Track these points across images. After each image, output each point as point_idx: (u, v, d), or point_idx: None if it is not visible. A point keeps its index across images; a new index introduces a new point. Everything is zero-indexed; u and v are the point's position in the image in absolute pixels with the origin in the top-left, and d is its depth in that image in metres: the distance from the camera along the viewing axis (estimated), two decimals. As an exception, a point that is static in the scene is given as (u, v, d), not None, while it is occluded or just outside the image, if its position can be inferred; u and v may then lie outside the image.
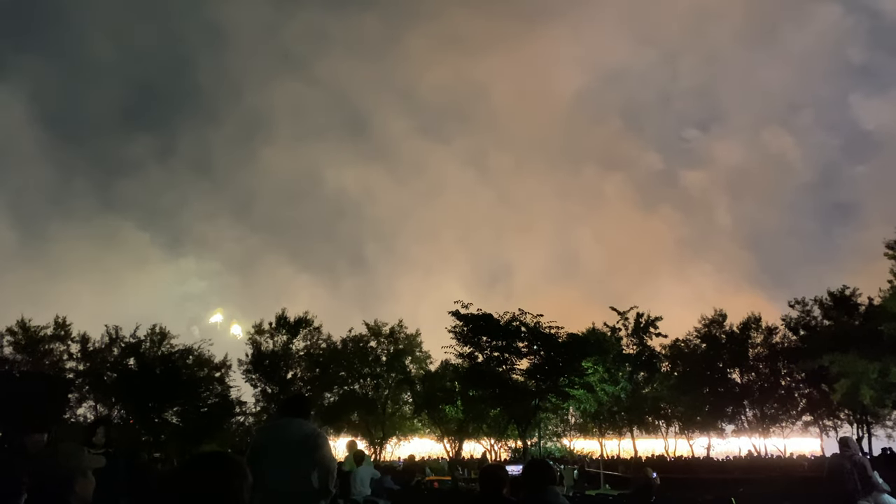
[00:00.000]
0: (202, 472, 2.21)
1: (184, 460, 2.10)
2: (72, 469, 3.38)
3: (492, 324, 28.27)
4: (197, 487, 2.16)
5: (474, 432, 38.00)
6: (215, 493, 2.15)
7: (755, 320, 40.62)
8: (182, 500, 2.14)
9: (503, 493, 5.11)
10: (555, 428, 42.15)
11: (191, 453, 27.09)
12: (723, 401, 39.95)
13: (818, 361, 30.08)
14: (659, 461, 37.42)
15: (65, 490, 3.30)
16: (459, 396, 34.25)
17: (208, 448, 30.35)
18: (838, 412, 37.28)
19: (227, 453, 2.30)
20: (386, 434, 40.11)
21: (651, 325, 40.10)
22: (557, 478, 5.34)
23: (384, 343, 41.35)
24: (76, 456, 3.47)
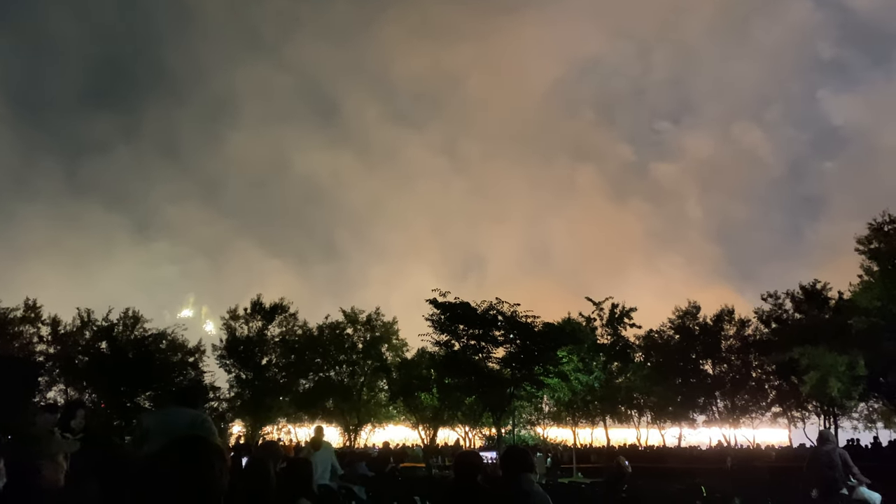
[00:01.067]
0: (182, 457, 2.18)
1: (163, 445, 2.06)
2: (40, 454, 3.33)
3: (469, 312, 28.34)
4: (178, 472, 2.13)
5: (449, 420, 38.14)
6: (196, 477, 2.12)
7: (728, 313, 41.12)
8: (162, 484, 2.11)
9: (478, 480, 5.13)
10: (529, 416, 42.44)
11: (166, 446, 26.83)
12: (695, 391, 40.42)
13: (788, 354, 30.51)
14: (631, 450, 37.93)
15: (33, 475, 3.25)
16: (435, 384, 34.33)
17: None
18: (807, 404, 37.90)
19: (207, 438, 2.26)
20: (361, 421, 40.08)
21: (626, 316, 40.33)
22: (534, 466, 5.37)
23: (361, 330, 41.23)
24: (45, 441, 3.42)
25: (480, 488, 5.12)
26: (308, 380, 40.69)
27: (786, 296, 38.60)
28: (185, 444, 2.23)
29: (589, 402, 38.92)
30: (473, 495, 5.05)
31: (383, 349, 41.09)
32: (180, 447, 2.22)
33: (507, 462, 5.36)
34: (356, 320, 41.20)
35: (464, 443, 38.16)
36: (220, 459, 2.20)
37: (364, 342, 40.90)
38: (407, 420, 41.70)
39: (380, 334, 40.94)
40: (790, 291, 38.49)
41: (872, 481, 11.24)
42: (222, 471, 2.18)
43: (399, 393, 36.37)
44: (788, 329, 35.83)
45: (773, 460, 31.46)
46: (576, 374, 31.35)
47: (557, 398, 34.86)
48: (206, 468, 2.15)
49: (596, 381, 35.40)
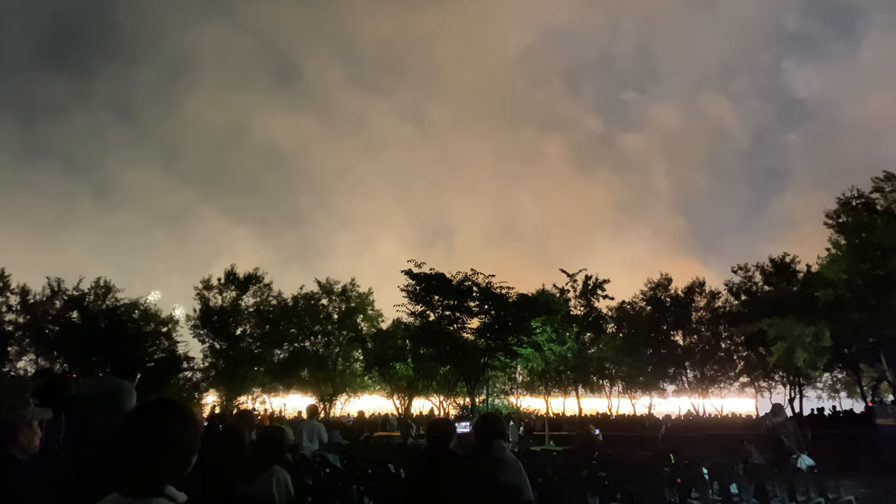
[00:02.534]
0: (152, 419, 2.21)
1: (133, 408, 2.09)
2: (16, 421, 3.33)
3: (444, 283, 28.42)
4: (148, 434, 2.16)
5: (424, 389, 38.47)
6: (166, 438, 2.16)
7: (699, 285, 41.79)
8: (131, 446, 2.14)
9: (450, 446, 5.22)
10: (502, 386, 42.97)
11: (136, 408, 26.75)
12: (665, 362, 41.12)
13: (757, 325, 31.05)
14: (602, 419, 38.63)
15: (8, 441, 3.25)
16: (410, 354, 34.53)
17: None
18: (773, 374, 38.78)
19: (176, 401, 2.29)
20: (336, 391, 40.30)
21: (599, 288, 40.90)
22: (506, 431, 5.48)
23: (336, 301, 41.28)
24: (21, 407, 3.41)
25: (453, 454, 5.21)
26: (283, 350, 40.72)
27: (756, 268, 39.27)
28: (155, 406, 2.26)
29: (562, 372, 39.51)
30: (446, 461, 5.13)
31: (358, 320, 41.20)
32: (151, 409, 2.25)
33: (481, 428, 5.46)
34: (331, 291, 41.20)
35: (438, 412, 38.58)
36: (191, 423, 2.24)
37: (339, 313, 40.96)
38: (382, 390, 41.99)
39: (355, 305, 41.02)
40: (760, 264, 39.16)
41: (831, 447, 11.92)
42: (193, 434, 2.21)
43: (374, 363, 36.55)
44: (757, 301, 36.47)
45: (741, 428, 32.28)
46: (549, 345, 31.66)
47: (531, 368, 35.29)
48: (170, 426, 2.19)
49: (569, 352, 35.88)
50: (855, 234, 28.73)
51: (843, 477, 10.35)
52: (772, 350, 30.47)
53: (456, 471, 5.01)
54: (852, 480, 10.88)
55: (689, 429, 31.91)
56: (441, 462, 5.12)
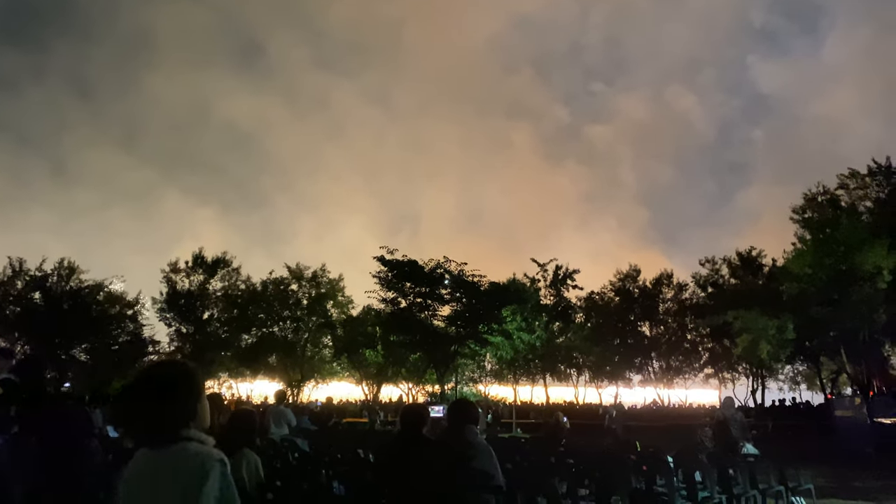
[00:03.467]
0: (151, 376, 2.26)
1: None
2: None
3: (416, 270, 28.46)
4: (150, 388, 2.25)
5: (393, 376, 38.52)
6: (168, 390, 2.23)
7: (667, 277, 42.30)
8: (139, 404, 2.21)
9: (423, 431, 5.24)
10: (471, 374, 43.19)
11: (99, 391, 26.37)
12: (632, 352, 41.57)
13: (723, 317, 31.54)
14: (569, 407, 39.07)
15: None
16: (380, 341, 34.54)
17: (118, 385, 29.65)
18: (737, 366, 39.48)
19: (174, 361, 2.37)
20: (304, 376, 40.15)
21: (569, 278, 41.27)
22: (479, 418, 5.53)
23: (306, 287, 41.03)
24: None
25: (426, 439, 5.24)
26: (251, 335, 40.40)
27: (722, 261, 39.90)
28: (151, 366, 2.31)
29: (530, 361, 39.82)
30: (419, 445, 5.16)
31: (328, 306, 41.01)
32: (148, 368, 2.29)
33: (453, 414, 5.50)
34: (301, 276, 40.93)
35: (407, 399, 38.68)
36: (180, 373, 2.27)
37: (309, 299, 40.74)
38: (351, 376, 41.95)
39: (325, 291, 40.81)
40: (727, 257, 39.78)
41: (791, 437, 12.56)
42: (185, 380, 2.26)
43: (344, 349, 36.51)
44: (724, 293, 37.02)
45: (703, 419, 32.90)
46: (519, 333, 31.92)
47: (500, 356, 35.53)
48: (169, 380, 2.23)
49: (538, 340, 36.20)
50: (819, 230, 29.34)
51: (801, 466, 10.63)
52: (737, 342, 31.02)
53: (429, 455, 5.04)
54: (811, 469, 11.20)
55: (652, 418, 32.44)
56: (414, 445, 5.15)
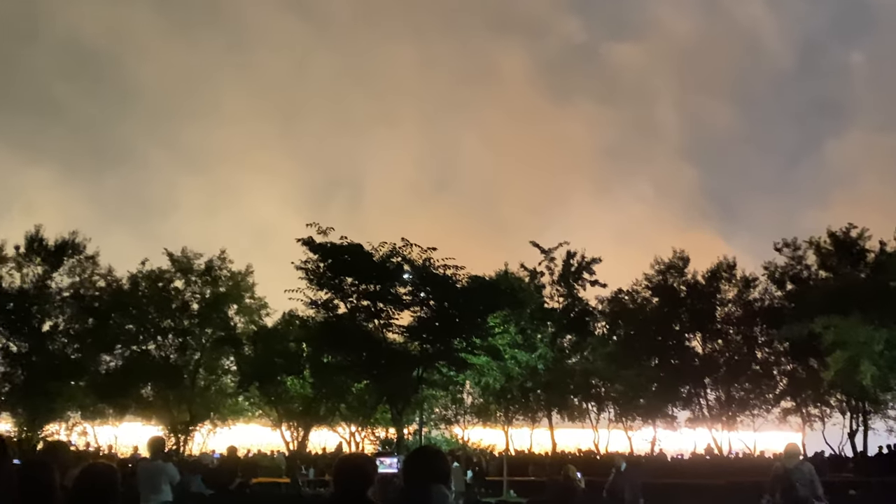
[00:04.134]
0: None
1: None
2: None
3: (362, 259, 28.24)
4: None
5: (327, 416, 38.41)
6: None
7: (728, 267, 42.69)
8: None
9: (368, 494, 5.16)
10: (444, 410, 43.27)
11: None
12: (677, 378, 42.03)
13: (808, 326, 31.86)
14: (585, 459, 39.32)
15: None
16: (308, 363, 34.38)
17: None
18: (828, 397, 40.05)
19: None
20: (195, 417, 39.87)
21: (586, 270, 41.53)
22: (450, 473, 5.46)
23: (197, 284, 40.69)
24: None
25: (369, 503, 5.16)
26: (115, 356, 40.01)
27: (808, 245, 40.26)
28: None
29: (529, 391, 40.04)
30: (361, 516, 5.08)
31: (231, 312, 40.73)
32: None
33: (413, 469, 5.40)
34: (189, 269, 40.53)
35: (349, 448, 38.64)
36: None
37: (202, 301, 40.42)
38: (265, 416, 41.74)
39: (226, 290, 40.50)
40: (814, 240, 40.17)
41: None
42: None
43: (253, 376, 36.21)
44: (810, 292, 37.40)
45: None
46: (513, 351, 31.89)
47: (485, 385, 35.59)
48: None
49: (541, 362, 36.30)
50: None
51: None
52: (828, 362, 31.39)
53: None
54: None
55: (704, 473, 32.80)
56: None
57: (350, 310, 29.55)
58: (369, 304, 29.38)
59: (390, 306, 29.43)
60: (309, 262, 28.57)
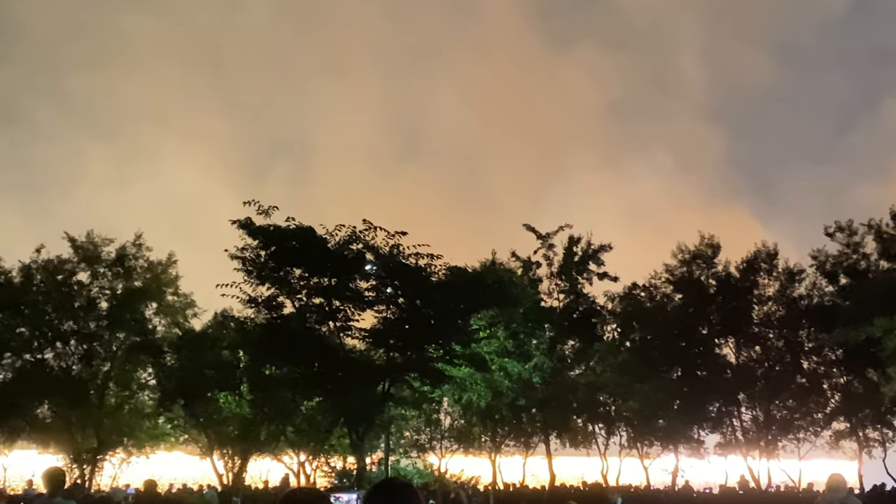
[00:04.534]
0: None
1: None
2: None
3: (314, 246, 28.33)
4: None
5: (270, 441, 38.50)
6: None
7: (768, 257, 42.89)
8: None
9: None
10: (416, 434, 43.39)
11: None
12: (705, 393, 42.15)
13: (866, 330, 32.16)
14: (592, 494, 39.63)
15: None
16: (246, 376, 34.45)
17: None
18: (891, 417, 40.40)
19: None
20: (105, 443, 39.81)
21: (592, 260, 41.72)
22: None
23: (106, 276, 40.59)
24: None
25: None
26: (2, 366, 39.94)
27: (867, 229, 40.54)
28: None
29: (522, 410, 40.22)
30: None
31: (148, 312, 40.70)
32: None
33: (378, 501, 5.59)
34: (97, 257, 40.43)
35: (297, 481, 38.75)
36: None
37: (112, 298, 40.33)
38: (192, 442, 41.76)
39: (142, 284, 40.45)
40: (874, 222, 40.51)
41: None
42: None
43: (177, 392, 36.28)
44: (869, 287, 37.63)
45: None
46: (502, 361, 32.22)
47: (468, 402, 35.76)
48: None
49: (536, 374, 36.55)
50: None
51: None
52: (890, 374, 31.74)
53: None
54: None
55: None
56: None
57: (299, 309, 29.61)
58: (323, 303, 29.46)
59: (349, 305, 29.54)
60: (247, 249, 28.60)
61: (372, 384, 29.57)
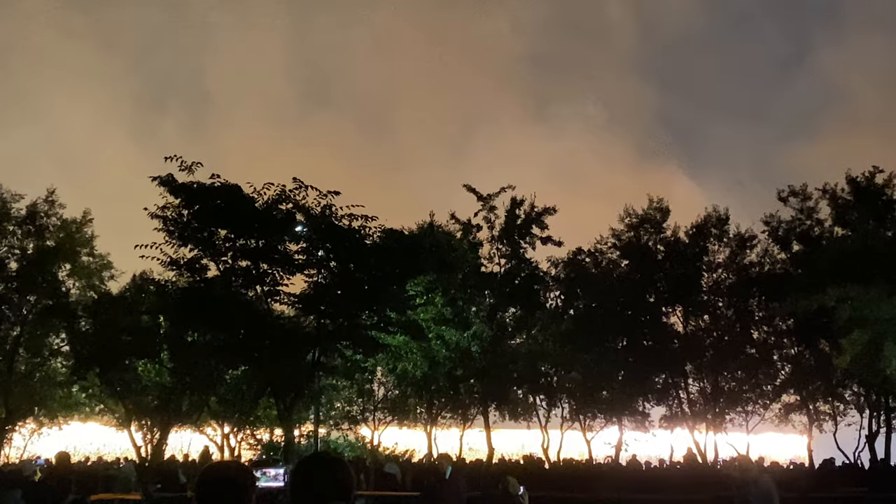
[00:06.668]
0: None
1: None
2: None
3: (240, 205, 27.96)
4: None
5: (192, 412, 38.24)
6: None
7: (718, 221, 43.08)
8: None
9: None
10: (347, 405, 43.30)
11: None
12: (651, 364, 42.42)
13: (819, 299, 32.33)
14: (532, 467, 39.75)
15: None
16: (166, 343, 34.10)
17: None
18: (842, 390, 40.91)
19: None
20: (14, 413, 39.45)
21: (535, 223, 41.68)
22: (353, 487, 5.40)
23: (16, 235, 40.14)
24: None
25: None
26: None
27: (821, 194, 40.87)
28: None
29: (460, 381, 40.21)
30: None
31: (62, 273, 40.30)
32: None
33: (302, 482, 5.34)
34: (6, 214, 39.92)
35: (220, 455, 38.53)
36: None
37: (22, 258, 39.90)
38: (108, 412, 41.43)
39: (55, 244, 40.02)
40: (829, 187, 40.85)
41: None
42: None
43: (92, 360, 35.84)
44: (822, 254, 37.94)
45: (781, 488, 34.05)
46: (439, 329, 32.12)
47: (403, 372, 35.71)
48: None
49: (475, 342, 36.54)
50: None
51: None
52: (842, 345, 31.96)
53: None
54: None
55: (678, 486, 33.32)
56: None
57: (223, 272, 29.22)
58: (249, 266, 29.11)
59: (277, 268, 29.21)
60: (168, 207, 28.15)
61: (301, 352, 29.38)
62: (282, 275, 29.33)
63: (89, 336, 36.95)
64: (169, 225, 28.28)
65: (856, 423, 41.04)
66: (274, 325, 29.34)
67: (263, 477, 20.96)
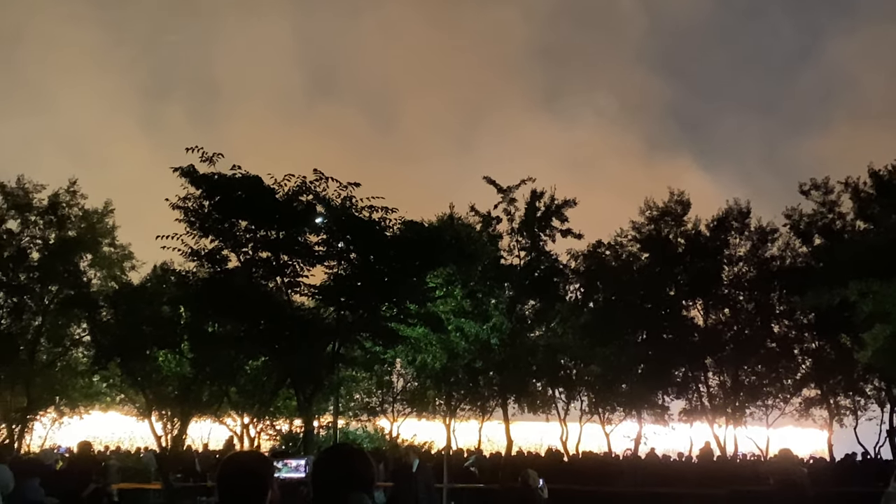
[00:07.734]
0: None
1: None
2: None
3: (261, 197, 28.04)
4: None
5: (212, 402, 38.36)
6: None
7: (740, 214, 43.00)
8: None
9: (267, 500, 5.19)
10: (367, 397, 43.34)
11: None
12: (671, 357, 42.38)
13: (840, 293, 32.25)
14: (551, 460, 39.75)
15: None
16: (187, 333, 34.21)
17: None
18: (864, 384, 40.76)
19: None
20: (36, 402, 39.59)
21: (555, 216, 41.67)
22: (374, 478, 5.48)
23: (38, 225, 40.23)
24: None
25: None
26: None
27: (843, 188, 40.74)
28: None
29: (479, 373, 40.23)
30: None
31: (83, 263, 40.38)
32: None
33: (323, 472, 5.43)
34: (28, 204, 40.04)
35: (240, 445, 38.65)
36: None
37: (44, 248, 40.00)
38: (129, 402, 41.55)
39: (77, 234, 40.11)
40: (851, 181, 40.74)
41: None
42: None
43: (113, 350, 35.97)
44: (843, 249, 37.79)
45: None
46: (458, 321, 32.13)
47: (422, 364, 35.73)
48: None
49: (494, 335, 36.52)
50: None
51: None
52: (864, 339, 31.87)
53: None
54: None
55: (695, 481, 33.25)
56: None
57: (244, 263, 29.32)
58: (270, 257, 29.19)
59: (298, 260, 29.27)
60: (189, 199, 28.25)
61: (321, 343, 29.42)
62: (302, 266, 29.41)
63: (110, 326, 37.08)
64: (190, 216, 28.41)
65: (876, 418, 41.02)
66: (294, 317, 29.38)
67: (285, 468, 21.05)
